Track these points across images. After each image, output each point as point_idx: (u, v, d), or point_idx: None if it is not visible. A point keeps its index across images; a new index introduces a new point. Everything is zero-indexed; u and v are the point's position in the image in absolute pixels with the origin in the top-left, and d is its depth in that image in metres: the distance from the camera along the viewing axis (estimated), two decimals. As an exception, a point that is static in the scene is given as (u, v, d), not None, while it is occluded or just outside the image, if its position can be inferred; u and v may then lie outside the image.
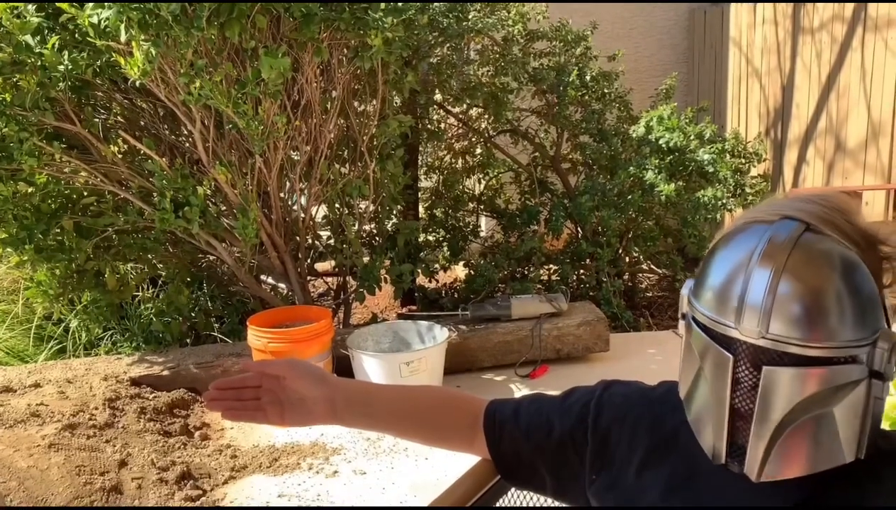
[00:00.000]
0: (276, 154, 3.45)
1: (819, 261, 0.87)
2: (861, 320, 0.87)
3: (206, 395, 1.12)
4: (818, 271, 0.86)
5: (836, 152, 5.00)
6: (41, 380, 3.36)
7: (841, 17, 4.88)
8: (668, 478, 1.00)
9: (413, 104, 4.42)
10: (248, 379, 1.13)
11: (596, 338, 3.90)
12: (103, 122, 3.58)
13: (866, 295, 0.88)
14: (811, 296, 0.85)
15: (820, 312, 0.85)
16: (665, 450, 1.01)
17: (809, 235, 0.89)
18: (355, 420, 1.17)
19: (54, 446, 2.71)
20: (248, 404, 1.12)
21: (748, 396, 0.89)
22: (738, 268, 0.90)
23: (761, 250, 0.88)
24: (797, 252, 0.87)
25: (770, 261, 0.87)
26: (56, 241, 3.51)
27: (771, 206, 0.94)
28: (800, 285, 0.86)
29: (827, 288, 0.86)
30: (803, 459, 0.88)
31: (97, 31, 2.85)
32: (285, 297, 4.08)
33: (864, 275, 0.89)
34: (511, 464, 1.15)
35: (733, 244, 0.93)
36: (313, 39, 3.19)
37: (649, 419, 1.05)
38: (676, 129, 4.60)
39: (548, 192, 4.89)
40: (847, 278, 0.87)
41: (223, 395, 1.12)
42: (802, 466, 0.88)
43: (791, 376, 0.86)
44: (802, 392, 0.86)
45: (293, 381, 1.12)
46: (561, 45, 4.70)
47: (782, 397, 0.86)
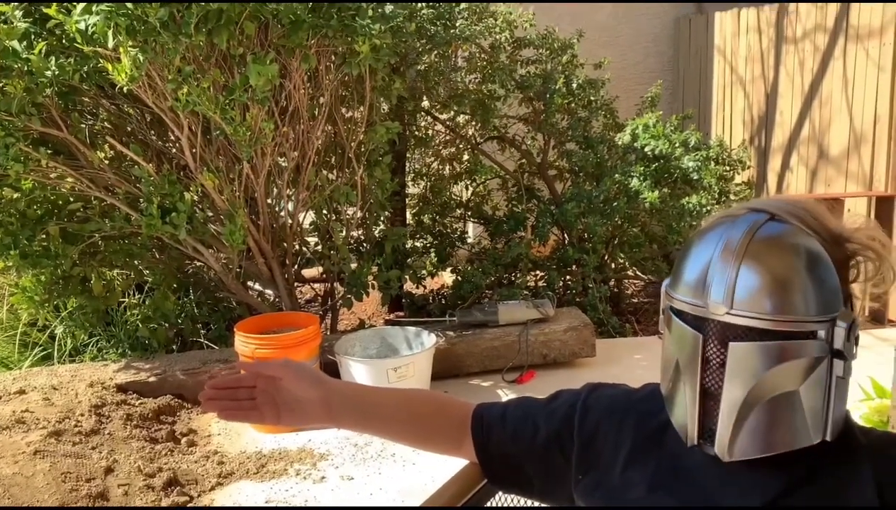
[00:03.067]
0: (263, 160, 3.45)
1: (779, 242, 0.93)
2: (820, 298, 0.92)
3: (202, 395, 1.12)
4: (778, 251, 0.93)
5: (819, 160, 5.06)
6: (26, 386, 3.34)
7: (823, 26, 4.95)
8: (652, 475, 1.02)
9: (401, 111, 4.44)
10: (243, 379, 1.14)
11: (582, 344, 3.92)
12: (90, 127, 3.57)
13: (824, 278, 0.93)
14: (772, 273, 0.91)
15: (780, 288, 0.91)
16: (649, 449, 1.04)
17: (772, 223, 0.95)
18: (349, 422, 1.18)
19: (40, 453, 2.69)
20: (243, 404, 1.12)
21: (717, 375, 0.94)
22: (704, 252, 0.96)
23: (727, 236, 0.95)
24: (759, 235, 0.93)
25: (734, 243, 0.93)
26: (42, 247, 3.50)
27: (742, 204, 1.01)
28: (761, 264, 0.92)
29: (787, 266, 0.92)
30: (771, 438, 0.93)
31: (84, 36, 2.85)
32: (272, 304, 4.08)
33: (823, 258, 0.94)
34: (498, 466, 1.16)
35: (704, 236, 0.99)
36: (301, 46, 3.20)
37: (634, 419, 1.07)
38: (662, 137, 4.65)
39: (534, 199, 4.92)
40: (806, 259, 0.92)
41: (219, 395, 1.12)
42: (770, 444, 0.93)
43: (754, 350, 0.91)
44: (766, 366, 0.91)
45: (289, 382, 1.13)
46: (548, 53, 4.73)
47: (747, 372, 0.91)
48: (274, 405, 1.13)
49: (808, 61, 5.11)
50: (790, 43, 5.27)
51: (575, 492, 1.09)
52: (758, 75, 5.65)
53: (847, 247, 0.97)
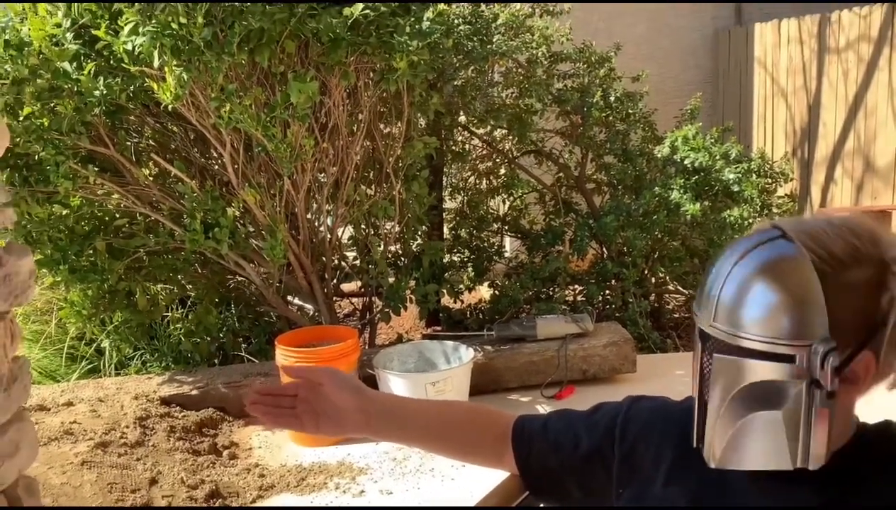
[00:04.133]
0: (303, 176, 3.50)
1: (770, 262, 0.93)
2: (798, 322, 0.89)
3: (247, 398, 1.15)
4: (764, 271, 0.93)
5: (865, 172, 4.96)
6: (74, 398, 3.42)
7: (867, 36, 4.86)
8: (693, 491, 1.01)
9: (438, 126, 4.47)
10: (287, 388, 1.16)
11: (622, 359, 3.88)
12: (136, 145, 3.66)
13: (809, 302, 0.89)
14: (751, 291, 0.92)
15: (756, 308, 0.91)
16: (691, 463, 1.02)
17: (777, 243, 0.94)
18: (387, 433, 1.19)
19: (87, 463, 2.75)
20: (284, 411, 1.14)
21: (706, 384, 0.98)
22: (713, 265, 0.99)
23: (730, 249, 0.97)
24: (756, 253, 0.94)
25: (731, 259, 0.95)
26: (89, 262, 3.59)
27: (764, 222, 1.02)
28: (744, 281, 0.93)
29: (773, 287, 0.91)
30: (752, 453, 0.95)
31: (131, 57, 2.94)
32: (312, 318, 4.12)
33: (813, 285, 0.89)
34: (539, 478, 1.16)
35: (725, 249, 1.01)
36: (340, 63, 3.25)
37: (675, 432, 1.06)
38: (702, 149, 4.60)
39: (572, 213, 4.90)
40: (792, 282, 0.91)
41: (263, 400, 1.15)
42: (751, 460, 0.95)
43: (730, 364, 0.94)
44: (740, 381, 0.93)
45: (330, 390, 1.15)
46: (585, 67, 4.72)
47: (723, 384, 0.94)
48: (314, 414, 1.14)
49: (852, 72, 5.02)
50: (833, 53, 5.19)
51: (616, 505, 1.08)
52: (800, 86, 5.56)
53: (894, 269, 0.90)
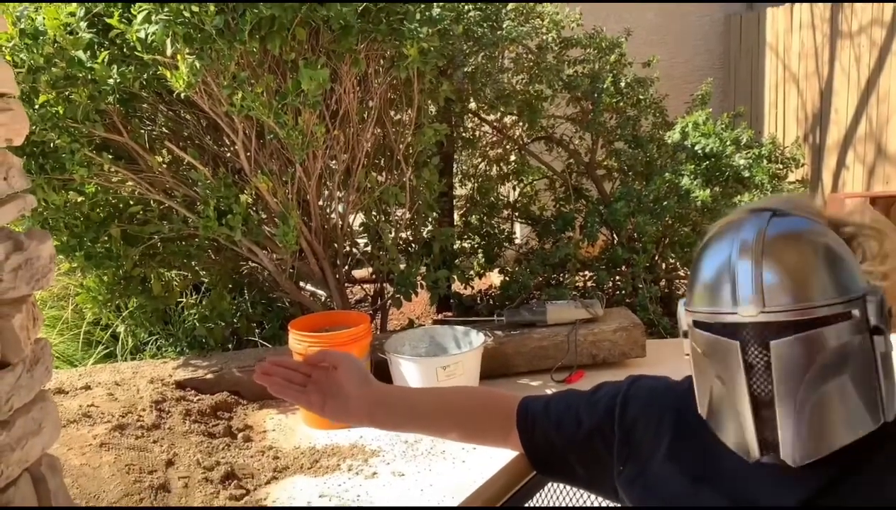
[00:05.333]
0: (315, 163, 3.53)
1: (793, 233, 0.94)
2: (845, 278, 0.92)
3: (259, 367, 1.17)
4: (795, 242, 0.93)
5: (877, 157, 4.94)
6: (91, 382, 3.48)
7: (880, 20, 4.83)
8: (691, 469, 1.03)
9: (448, 113, 4.48)
10: (302, 365, 1.19)
11: (632, 344, 3.90)
12: (149, 132, 3.70)
13: (845, 258, 0.94)
14: (795, 264, 0.91)
15: (806, 276, 0.91)
16: (690, 441, 1.05)
17: (778, 219, 0.96)
18: (394, 422, 1.23)
19: (105, 445, 2.81)
20: (294, 386, 1.17)
21: (764, 379, 0.92)
22: (722, 261, 0.96)
23: (740, 240, 0.95)
24: (772, 231, 0.94)
25: (750, 244, 0.93)
26: (104, 249, 3.64)
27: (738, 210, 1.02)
28: (782, 257, 0.92)
29: (806, 253, 0.92)
30: (833, 432, 0.91)
31: (144, 45, 2.96)
32: (324, 303, 4.16)
33: (837, 240, 0.95)
34: (544, 457, 1.19)
35: (713, 246, 0.99)
36: (351, 50, 3.26)
37: (674, 411, 1.08)
38: (712, 135, 4.59)
39: (583, 199, 4.91)
40: (824, 243, 0.93)
41: (275, 371, 1.17)
42: (834, 439, 0.91)
43: (798, 343, 0.90)
44: (811, 357, 0.90)
45: (342, 374, 1.18)
46: (595, 53, 4.72)
47: (796, 367, 0.90)
48: (322, 394, 1.17)
49: (865, 57, 4.99)
50: (845, 38, 5.16)
51: (617, 482, 1.11)
52: (811, 72, 5.53)
53: (845, 230, 0.98)
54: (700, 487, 1.01)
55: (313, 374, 1.18)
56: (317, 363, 1.20)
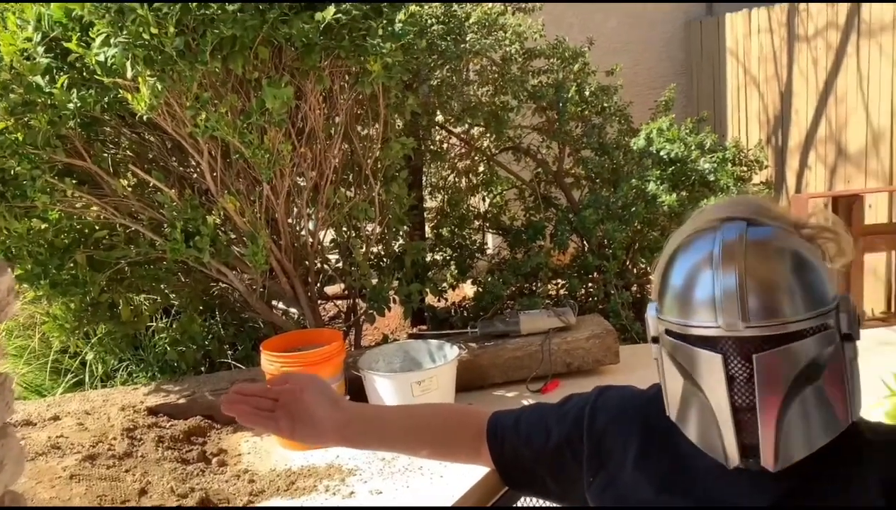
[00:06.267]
0: (282, 181, 3.51)
1: (773, 248, 0.95)
2: (821, 290, 0.95)
3: (225, 398, 1.16)
4: (776, 257, 0.95)
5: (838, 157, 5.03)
6: (60, 412, 3.42)
7: (835, 23, 4.93)
8: (661, 476, 1.03)
9: (415, 126, 4.49)
10: (268, 391, 1.18)
11: (606, 351, 3.92)
12: (113, 156, 3.66)
13: (818, 267, 0.96)
14: (778, 281, 0.93)
15: (788, 293, 0.93)
16: (658, 449, 1.05)
17: (754, 229, 0.97)
18: (365, 442, 1.23)
19: (75, 477, 2.75)
20: (262, 412, 1.16)
21: (746, 390, 0.94)
22: (702, 273, 0.96)
23: (719, 252, 0.95)
24: (751, 245, 0.95)
25: (731, 259, 0.94)
26: (70, 276, 3.58)
27: (706, 216, 1.02)
28: (765, 274, 0.93)
29: (788, 270, 0.94)
30: (808, 436, 0.94)
31: (104, 68, 2.93)
32: (297, 322, 4.13)
33: (811, 250, 0.97)
34: (514, 472, 1.19)
35: (689, 255, 0.99)
36: (315, 68, 3.26)
37: (642, 419, 1.09)
38: (677, 140, 4.65)
39: (552, 207, 4.94)
40: (800, 257, 0.95)
41: (241, 400, 1.16)
42: (809, 443, 0.94)
43: (779, 355, 0.92)
44: (792, 367, 0.93)
45: (310, 397, 1.17)
46: (559, 62, 4.76)
47: (777, 379, 0.92)
48: (291, 418, 1.16)
49: (822, 59, 5.09)
50: (802, 41, 5.26)
51: (588, 493, 1.11)
52: (771, 75, 5.63)
53: (804, 233, 1.00)
54: (671, 493, 1.02)
55: (280, 398, 1.17)
56: (282, 388, 1.18)
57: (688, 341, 0.97)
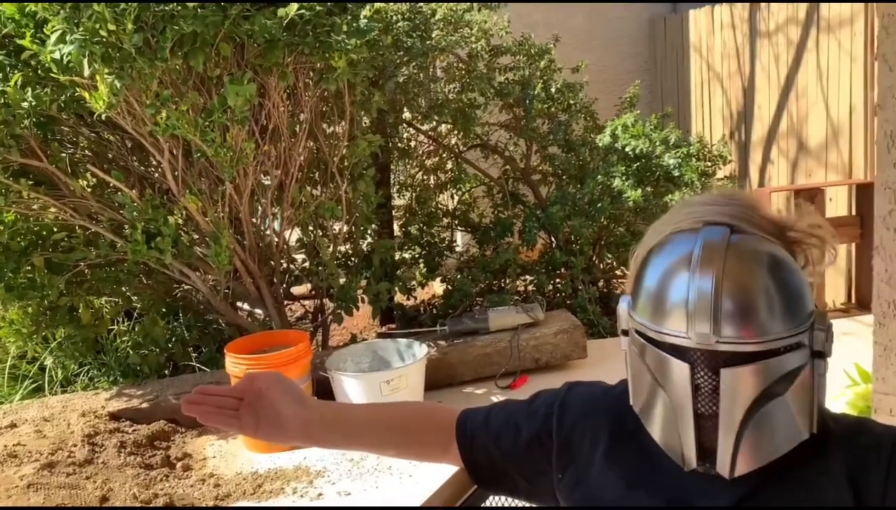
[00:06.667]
0: (246, 180, 3.46)
1: (753, 261, 0.92)
2: (799, 308, 0.93)
3: (186, 398, 1.12)
4: (755, 271, 0.92)
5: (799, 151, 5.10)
6: (17, 420, 3.33)
7: (795, 19, 5.00)
8: (629, 472, 1.02)
9: (382, 123, 4.46)
10: (232, 390, 1.15)
11: (573, 346, 3.93)
12: (70, 156, 3.56)
13: (797, 284, 0.94)
14: (754, 296, 0.91)
15: (764, 309, 0.90)
16: (626, 447, 1.04)
17: (736, 237, 0.93)
18: (331, 440, 1.19)
19: (33, 486, 2.68)
20: (225, 411, 1.13)
21: (710, 400, 0.93)
22: (677, 279, 0.93)
23: (697, 259, 0.92)
24: (731, 256, 0.91)
25: (709, 268, 0.91)
26: (27, 279, 3.49)
27: (690, 214, 0.98)
28: (741, 288, 0.90)
29: (766, 286, 0.91)
30: (768, 447, 0.93)
31: (60, 66, 2.85)
32: (263, 323, 4.07)
33: (792, 264, 0.95)
34: (484, 470, 1.17)
35: (666, 256, 0.96)
36: (278, 64, 3.21)
37: (611, 415, 1.08)
38: (642, 136, 4.68)
39: (520, 204, 4.94)
40: (780, 272, 0.93)
41: (203, 400, 1.12)
42: (769, 453, 0.93)
43: (748, 373, 0.91)
44: (759, 385, 0.91)
45: (274, 395, 1.14)
46: (525, 59, 4.76)
47: (742, 394, 0.91)
48: (255, 416, 1.13)
49: (783, 55, 5.16)
50: (764, 37, 5.33)
51: (557, 490, 1.10)
52: (734, 71, 5.70)
53: (790, 236, 0.97)
54: (638, 490, 1.01)
55: (245, 397, 1.14)
56: (246, 387, 1.15)
57: (657, 345, 0.95)
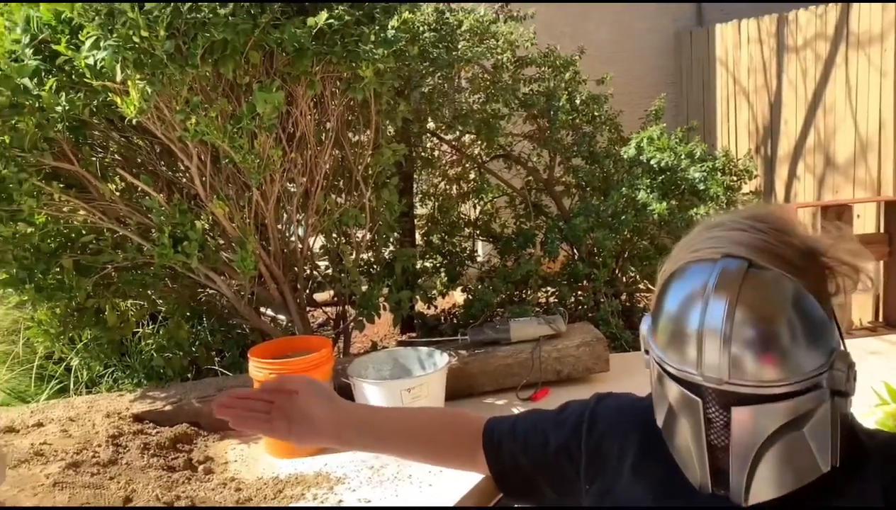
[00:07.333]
0: (272, 186, 3.49)
1: (768, 302, 0.89)
2: (816, 349, 0.90)
3: (219, 401, 1.13)
4: (769, 313, 0.89)
5: (826, 167, 5.06)
6: (43, 419, 3.37)
7: (824, 34, 4.96)
8: (659, 484, 1.02)
9: (406, 133, 4.48)
10: (262, 393, 1.16)
11: (596, 359, 3.91)
12: (101, 160, 3.62)
13: (817, 323, 0.90)
14: (767, 338, 0.88)
15: (777, 352, 0.88)
16: (655, 459, 1.04)
17: (753, 273, 0.90)
18: (359, 443, 1.20)
19: (59, 485, 2.71)
20: (257, 415, 1.14)
21: (722, 433, 0.93)
22: (690, 312, 0.92)
23: (710, 293, 0.90)
24: (745, 294, 0.89)
25: (720, 305, 0.89)
26: (56, 280, 3.53)
27: (712, 241, 0.96)
28: (754, 328, 0.88)
29: (780, 328, 0.88)
30: (784, 480, 0.92)
31: (93, 71, 2.90)
32: (285, 329, 4.10)
33: (811, 303, 0.90)
34: (510, 479, 1.17)
35: (683, 285, 0.95)
36: (306, 73, 3.24)
37: (640, 428, 1.08)
38: (667, 149, 4.66)
39: (542, 215, 4.94)
40: (797, 312, 0.89)
41: (235, 403, 1.13)
42: (784, 486, 0.92)
43: (760, 412, 0.90)
44: (773, 424, 0.90)
45: (304, 398, 1.15)
46: (550, 71, 4.77)
47: (754, 431, 0.90)
48: (286, 419, 1.14)
49: (811, 70, 5.12)
50: (791, 52, 5.30)
51: (584, 501, 1.09)
52: (760, 85, 5.66)
53: (823, 260, 0.94)
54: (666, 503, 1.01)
55: (276, 401, 1.15)
56: (276, 389, 1.16)
57: (671, 377, 0.95)
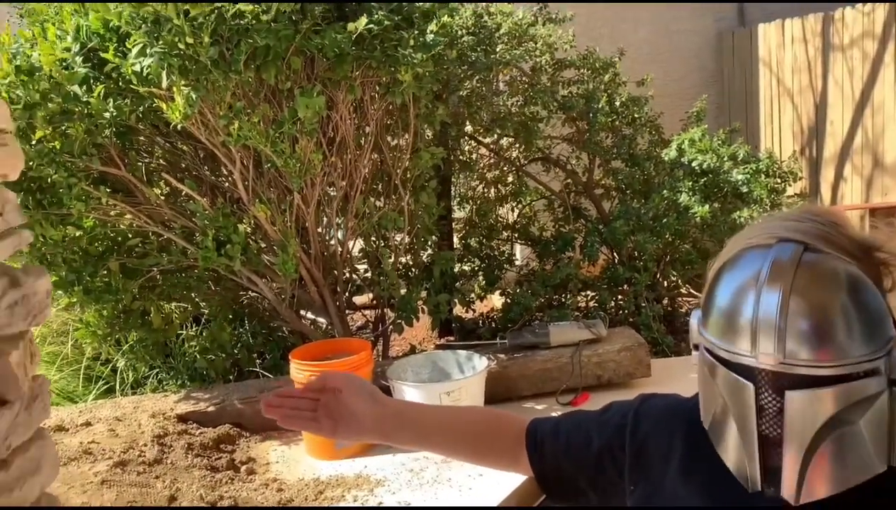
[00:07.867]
0: (313, 190, 3.53)
1: (824, 280, 0.88)
2: (873, 333, 0.88)
3: (265, 401, 1.15)
4: (826, 292, 0.88)
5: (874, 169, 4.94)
6: (91, 418, 3.44)
7: (871, 33, 4.85)
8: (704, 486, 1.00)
9: (444, 136, 4.49)
10: (307, 392, 1.17)
11: (637, 364, 3.87)
12: (146, 165, 3.70)
13: (874, 307, 0.89)
14: (823, 318, 0.87)
15: (833, 332, 0.86)
16: (700, 460, 1.02)
17: (809, 255, 0.90)
18: (403, 439, 1.21)
19: (107, 483, 2.77)
20: (304, 414, 1.15)
21: (775, 422, 0.90)
22: (745, 297, 0.91)
23: (766, 276, 0.89)
24: (801, 274, 0.88)
25: (776, 286, 0.88)
26: (103, 283, 3.62)
27: (766, 229, 0.95)
28: (810, 308, 0.87)
29: (837, 307, 0.87)
30: (838, 477, 0.89)
31: (140, 78, 2.97)
32: (325, 331, 4.13)
33: (869, 287, 0.90)
34: (553, 480, 1.17)
35: (736, 272, 0.94)
36: (346, 78, 3.27)
37: (685, 428, 1.06)
38: (709, 151, 4.60)
39: (582, 219, 4.90)
40: (854, 294, 0.88)
41: (282, 403, 1.15)
42: (838, 483, 0.89)
43: (814, 397, 0.87)
44: (828, 410, 0.87)
45: (349, 395, 1.16)
46: (589, 73, 4.74)
47: (809, 418, 0.88)
48: (332, 418, 1.15)
49: (858, 69, 5.01)
50: (837, 51, 5.19)
51: (628, 502, 1.08)
52: (805, 86, 5.56)
53: (878, 256, 0.93)
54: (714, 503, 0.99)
55: (321, 399, 1.17)
56: (321, 387, 1.18)
57: (723, 363, 0.93)
